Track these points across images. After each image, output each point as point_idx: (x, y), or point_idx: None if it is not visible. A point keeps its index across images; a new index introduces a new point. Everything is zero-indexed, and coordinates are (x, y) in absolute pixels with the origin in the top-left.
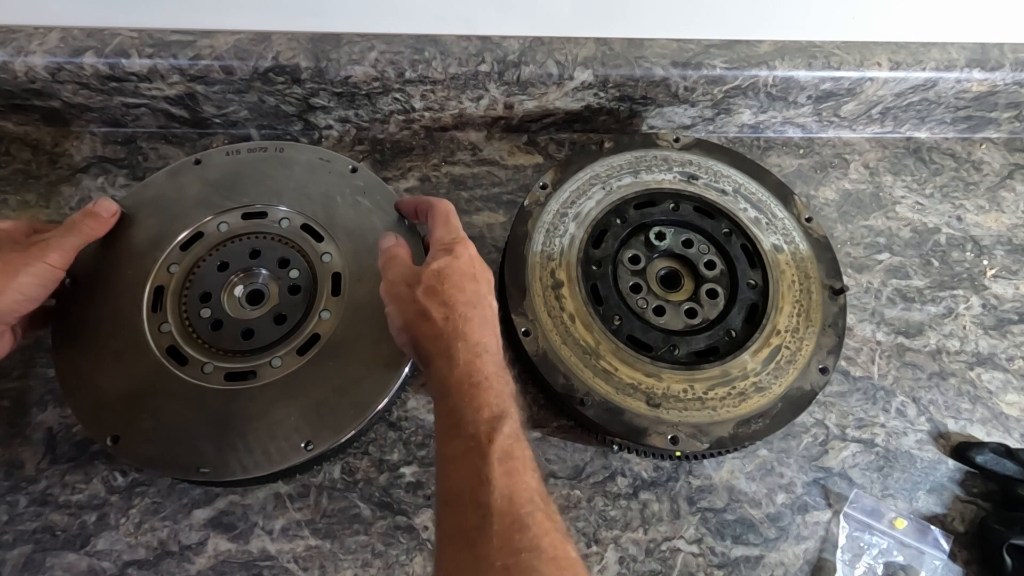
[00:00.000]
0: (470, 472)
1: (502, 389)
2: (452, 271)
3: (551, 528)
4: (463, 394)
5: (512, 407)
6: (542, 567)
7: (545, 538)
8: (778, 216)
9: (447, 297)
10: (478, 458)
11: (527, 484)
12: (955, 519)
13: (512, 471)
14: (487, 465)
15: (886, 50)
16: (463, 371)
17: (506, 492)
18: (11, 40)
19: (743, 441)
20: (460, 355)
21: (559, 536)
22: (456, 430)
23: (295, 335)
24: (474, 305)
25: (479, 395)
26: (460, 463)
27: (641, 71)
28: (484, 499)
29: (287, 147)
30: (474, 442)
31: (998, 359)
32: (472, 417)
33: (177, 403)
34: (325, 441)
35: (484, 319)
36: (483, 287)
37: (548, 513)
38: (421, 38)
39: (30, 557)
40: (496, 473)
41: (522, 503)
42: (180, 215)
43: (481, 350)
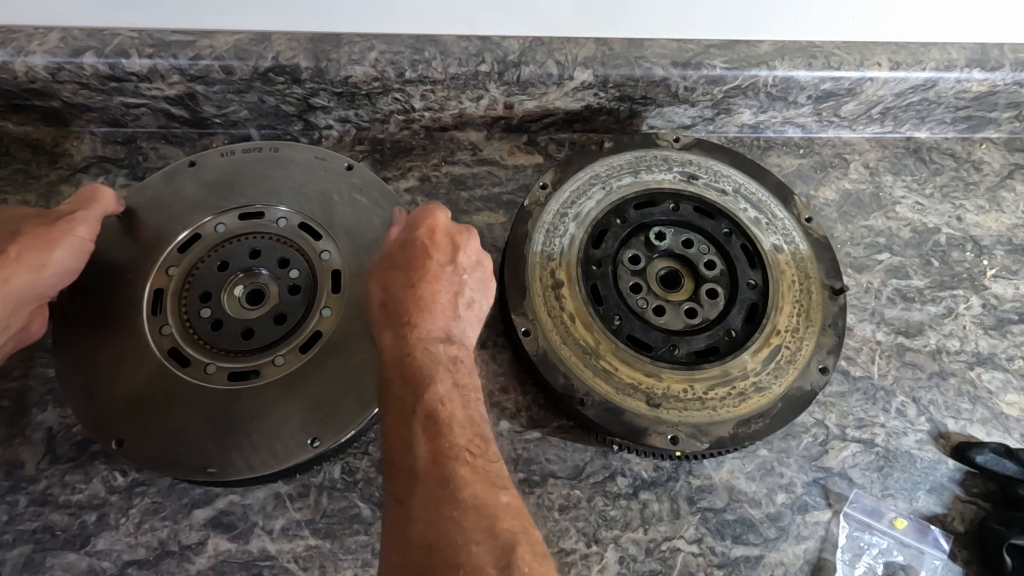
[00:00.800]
0: (399, 441)
1: (425, 360)
2: (397, 249)
3: (474, 480)
4: (390, 374)
5: (439, 372)
6: (459, 516)
7: (465, 490)
8: (778, 216)
9: (387, 280)
10: (404, 427)
11: (452, 442)
12: (955, 519)
13: (435, 433)
14: (411, 432)
15: (886, 50)
16: (389, 354)
17: (428, 454)
18: (11, 40)
19: (743, 441)
20: (387, 340)
21: (482, 486)
22: (387, 404)
23: (297, 333)
24: (413, 284)
25: (403, 372)
26: (391, 434)
27: (641, 71)
28: (411, 463)
29: (283, 147)
30: (400, 414)
31: (998, 359)
32: (398, 392)
33: (180, 404)
34: (330, 438)
35: (418, 298)
36: (438, 258)
37: (475, 465)
38: (421, 38)
39: (30, 557)
40: (419, 438)
41: (444, 460)
42: (177, 217)
43: (407, 330)
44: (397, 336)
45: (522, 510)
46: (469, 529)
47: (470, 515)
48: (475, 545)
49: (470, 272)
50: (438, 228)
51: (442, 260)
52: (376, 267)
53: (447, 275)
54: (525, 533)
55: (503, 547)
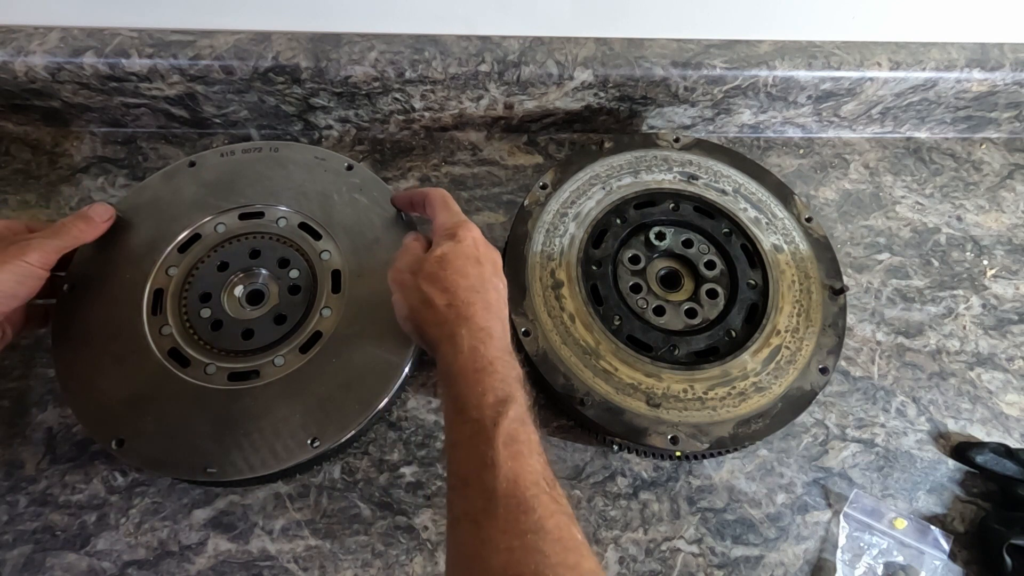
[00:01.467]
0: (476, 456)
1: (507, 373)
2: (455, 256)
3: (556, 510)
4: (468, 380)
5: (518, 391)
6: (546, 548)
7: (550, 520)
8: (778, 216)
9: (449, 283)
10: (483, 442)
11: (532, 467)
12: (955, 519)
13: (517, 454)
14: (492, 449)
15: (886, 50)
16: (467, 357)
17: (511, 475)
18: (11, 40)
19: (743, 441)
20: (464, 341)
21: (564, 518)
22: (462, 415)
23: (297, 333)
24: (477, 289)
25: (483, 380)
26: (466, 448)
27: (641, 71)
28: (490, 483)
29: (282, 147)
30: (479, 427)
31: (998, 359)
32: (477, 402)
33: (181, 405)
34: (331, 437)
35: (487, 303)
36: (487, 270)
37: (554, 496)
38: (421, 38)
39: (30, 557)
40: (501, 456)
41: (527, 486)
42: (177, 217)
43: (485, 335)
44: (475, 339)
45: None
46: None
47: (558, 548)
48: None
49: (504, 288)
50: (480, 241)
51: (489, 272)
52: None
53: (496, 287)
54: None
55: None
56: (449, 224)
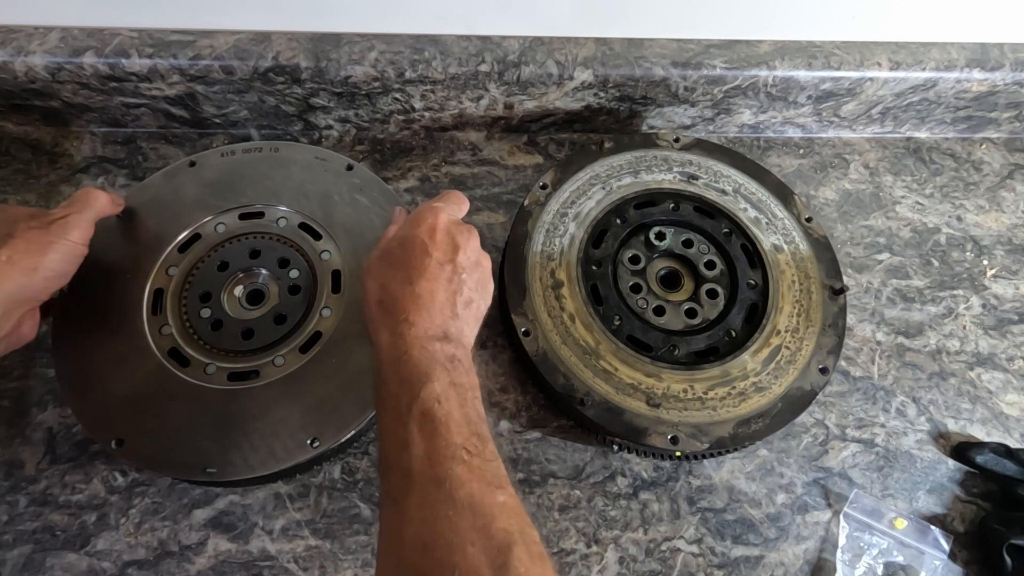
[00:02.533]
0: (395, 441)
1: (423, 358)
2: (399, 247)
3: (470, 479)
4: (386, 372)
5: (437, 371)
6: (454, 516)
7: (461, 489)
8: (778, 216)
9: (384, 278)
10: (400, 427)
11: (448, 441)
12: (955, 519)
13: (432, 433)
14: (406, 431)
15: (886, 50)
16: (386, 352)
17: (423, 453)
18: (11, 40)
19: (743, 441)
20: (384, 338)
21: (478, 485)
22: (383, 403)
23: (297, 333)
24: (410, 281)
25: (400, 369)
26: (387, 434)
27: (641, 71)
28: (406, 463)
29: (283, 147)
30: (396, 413)
31: (998, 359)
32: (395, 391)
33: (180, 404)
34: (330, 438)
35: (416, 296)
36: (437, 255)
37: (471, 464)
38: (421, 38)
39: (30, 557)
40: (414, 437)
41: (440, 460)
42: (177, 217)
43: (405, 327)
44: (394, 334)
45: (519, 509)
46: (464, 529)
47: (465, 514)
48: (470, 545)
49: (469, 272)
50: (439, 227)
51: (441, 259)
52: (374, 264)
53: (446, 274)
54: (521, 533)
55: (499, 547)
56: (418, 210)
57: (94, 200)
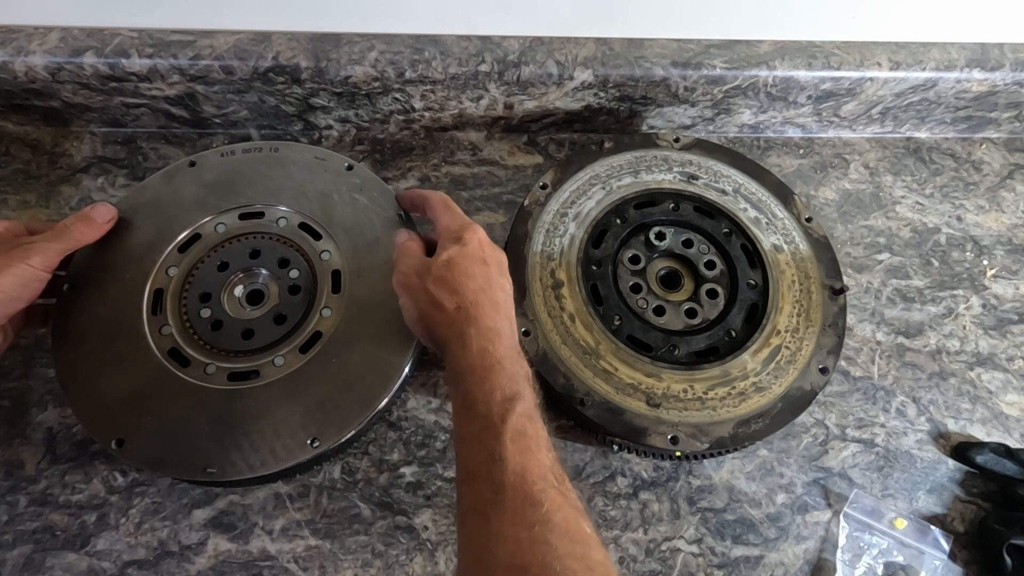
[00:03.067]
0: (484, 451)
1: (515, 371)
2: (461, 258)
3: (564, 504)
4: (476, 377)
5: (526, 388)
6: (553, 539)
7: (558, 513)
8: (778, 216)
9: (457, 285)
10: (491, 437)
11: (540, 462)
12: (955, 519)
13: (525, 449)
14: (500, 444)
15: (886, 50)
16: (476, 356)
17: (519, 469)
18: (11, 40)
19: (743, 441)
20: (473, 341)
21: (572, 511)
22: (471, 411)
23: (297, 333)
24: (484, 290)
25: (491, 377)
26: (474, 443)
27: (641, 71)
28: (498, 476)
29: (282, 147)
30: (487, 422)
31: (998, 359)
32: (485, 399)
33: (180, 404)
34: (330, 438)
35: (495, 303)
36: (493, 270)
37: (562, 490)
38: (421, 38)
39: (30, 557)
40: (509, 451)
41: (534, 480)
42: (177, 217)
43: (493, 335)
44: (484, 339)
45: (601, 542)
46: (564, 556)
47: (564, 540)
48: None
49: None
50: (486, 243)
51: (496, 272)
52: (437, 271)
53: (503, 287)
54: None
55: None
56: (454, 227)
57: (70, 233)
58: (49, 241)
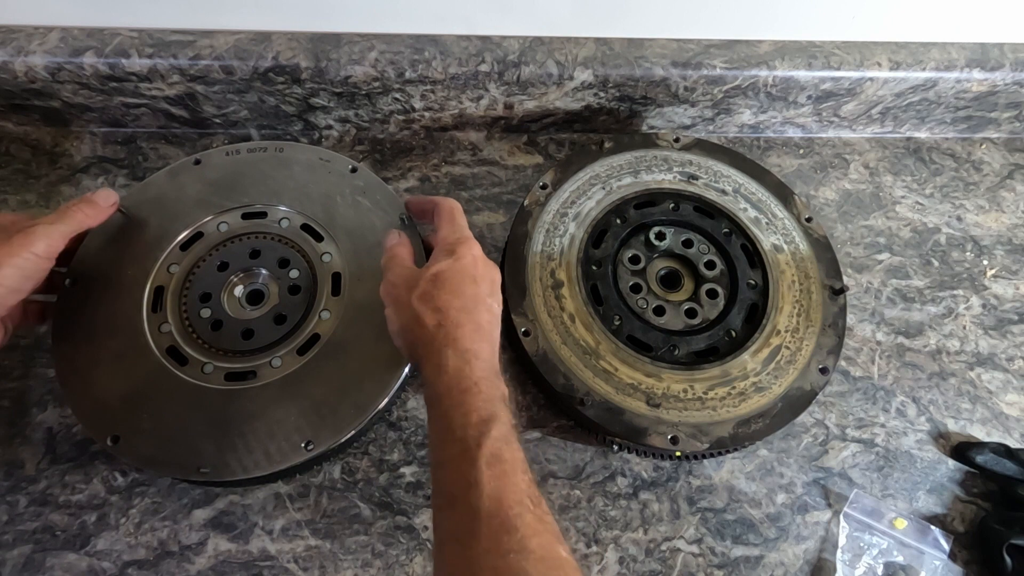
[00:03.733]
0: (459, 476)
1: (491, 394)
2: (451, 274)
3: (541, 529)
4: (452, 401)
5: (502, 411)
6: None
7: (534, 539)
8: (778, 216)
9: (441, 302)
10: (466, 463)
11: (516, 486)
12: (955, 519)
13: (501, 474)
14: (475, 469)
15: (886, 50)
16: (452, 378)
17: (495, 494)
18: (11, 40)
19: (743, 441)
20: (449, 362)
21: (548, 537)
22: (446, 435)
23: (295, 335)
24: (469, 310)
25: (467, 400)
26: (450, 467)
27: (641, 71)
28: (474, 502)
29: (287, 147)
30: (463, 446)
31: (998, 359)
32: (461, 422)
33: (177, 403)
34: (325, 441)
35: (477, 325)
36: (483, 289)
37: (538, 515)
38: (421, 38)
39: (30, 557)
40: (485, 476)
41: (510, 505)
42: (180, 215)
43: (471, 356)
44: (461, 360)
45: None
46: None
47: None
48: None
49: (499, 308)
50: (479, 258)
51: (486, 292)
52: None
53: (490, 308)
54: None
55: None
56: (451, 239)
57: (72, 214)
58: (51, 224)
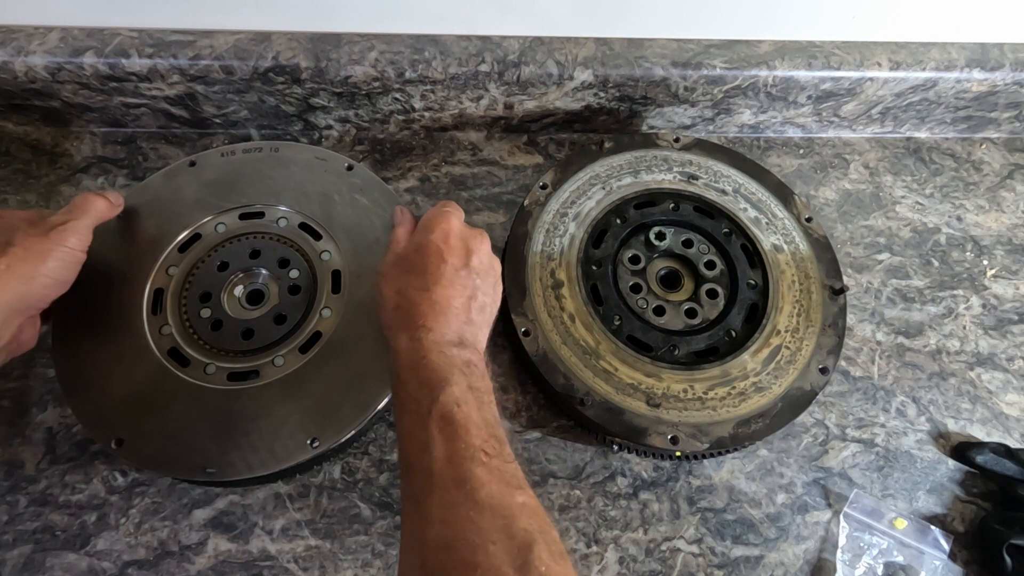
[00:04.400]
0: (415, 443)
1: (441, 363)
2: (416, 252)
3: (490, 480)
4: (405, 376)
5: (455, 375)
6: (475, 516)
7: (481, 490)
8: (778, 216)
9: (401, 284)
10: (420, 429)
11: (467, 443)
12: (955, 519)
13: (452, 435)
14: (427, 433)
15: (886, 50)
16: (404, 357)
17: (444, 455)
18: (11, 40)
19: (743, 441)
20: (403, 343)
21: (498, 486)
22: (403, 408)
23: (296, 334)
24: (428, 287)
25: (418, 373)
26: (407, 437)
27: (641, 71)
28: (427, 464)
29: (283, 147)
30: (416, 416)
31: (998, 359)
32: (414, 394)
33: (180, 404)
34: (329, 438)
35: (433, 302)
36: (453, 261)
37: (491, 467)
38: (421, 38)
39: (30, 557)
40: (435, 439)
41: (460, 462)
42: (177, 217)
43: (421, 332)
44: (412, 339)
45: (538, 510)
46: (486, 529)
47: (487, 515)
48: (492, 544)
49: (482, 277)
50: (452, 232)
51: (457, 264)
52: (389, 270)
53: (461, 279)
54: (542, 532)
55: (520, 546)
56: (429, 215)
57: (92, 206)
58: (78, 219)
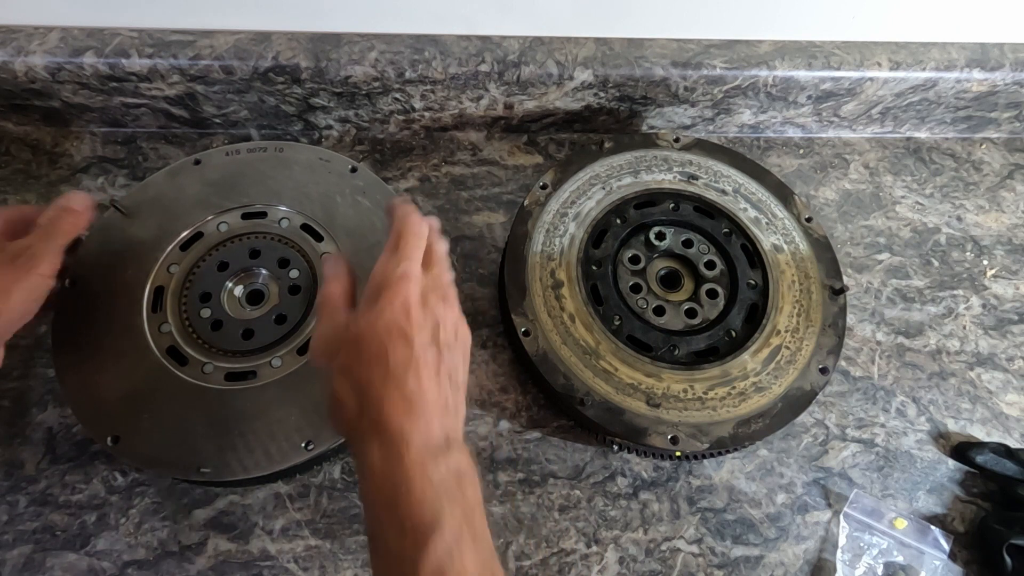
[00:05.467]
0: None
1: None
2: (371, 336)
3: None
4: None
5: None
6: None
7: None
8: (778, 216)
9: (361, 378)
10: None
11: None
12: (955, 519)
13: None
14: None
15: (886, 50)
16: (380, 477)
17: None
18: (11, 40)
19: (743, 441)
20: (375, 457)
21: None
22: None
23: (295, 335)
24: (397, 378)
25: (401, 504)
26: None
27: (641, 71)
28: None
29: (286, 147)
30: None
31: (998, 359)
32: (396, 533)
33: (177, 403)
34: (325, 441)
35: (406, 396)
36: (417, 343)
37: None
38: (421, 38)
39: (30, 557)
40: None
41: None
42: (180, 215)
43: (400, 442)
44: (388, 456)
45: None
46: None
47: None
48: None
49: (451, 348)
50: (412, 303)
51: (424, 341)
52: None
53: (431, 361)
54: None
55: None
56: (380, 278)
57: (60, 226)
58: (47, 242)
